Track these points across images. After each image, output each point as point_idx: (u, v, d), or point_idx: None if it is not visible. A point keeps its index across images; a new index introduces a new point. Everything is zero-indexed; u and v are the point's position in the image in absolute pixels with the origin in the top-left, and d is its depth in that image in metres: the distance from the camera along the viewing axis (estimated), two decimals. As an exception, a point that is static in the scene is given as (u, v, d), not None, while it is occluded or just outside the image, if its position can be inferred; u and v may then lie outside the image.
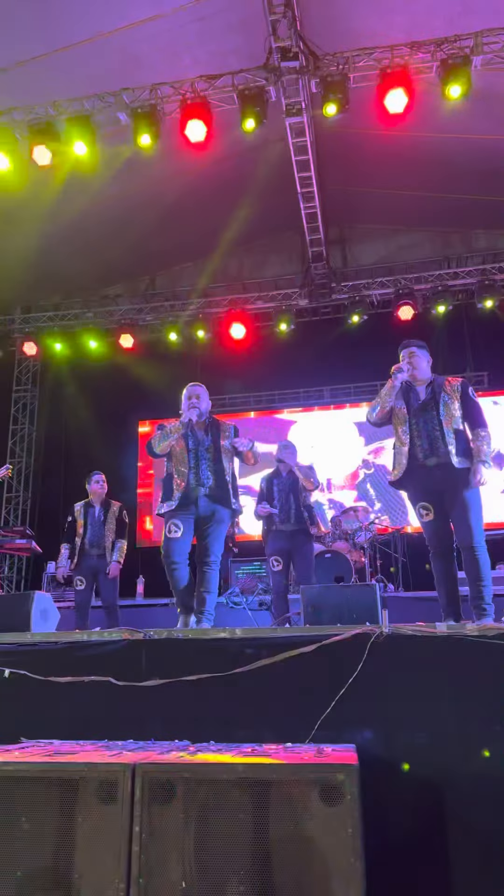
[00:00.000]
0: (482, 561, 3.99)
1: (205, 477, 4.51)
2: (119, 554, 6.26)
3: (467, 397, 4.23)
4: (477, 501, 4.08)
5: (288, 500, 5.89)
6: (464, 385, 4.28)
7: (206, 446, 4.61)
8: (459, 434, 4.14)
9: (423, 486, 4.19)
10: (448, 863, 2.71)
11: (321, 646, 3.05)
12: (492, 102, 7.63)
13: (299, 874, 2.10)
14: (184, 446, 4.60)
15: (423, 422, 4.22)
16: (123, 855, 2.16)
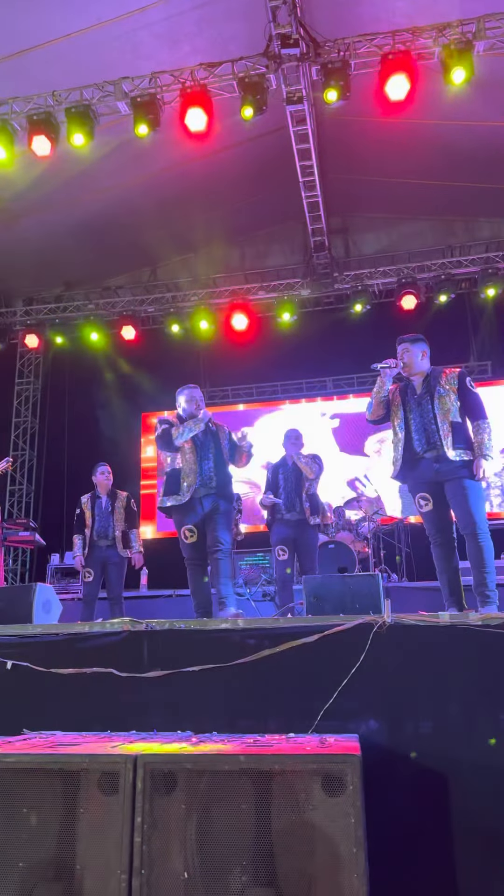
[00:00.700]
0: (485, 547, 3.98)
1: (208, 477, 4.66)
2: (138, 543, 6.34)
3: (464, 388, 4.19)
4: (477, 489, 4.07)
5: (293, 490, 5.88)
6: (461, 376, 4.24)
7: (209, 447, 4.76)
8: (456, 426, 4.11)
9: (421, 477, 4.20)
10: (452, 852, 2.71)
11: (324, 636, 3.03)
12: (495, 88, 7.55)
13: (302, 864, 2.10)
14: (192, 444, 4.71)
15: (418, 415, 4.22)
16: (125, 846, 2.15)
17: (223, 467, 4.77)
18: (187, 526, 4.61)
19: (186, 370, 11.67)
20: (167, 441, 4.71)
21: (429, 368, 4.34)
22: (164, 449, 4.77)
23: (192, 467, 4.64)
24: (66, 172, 8.53)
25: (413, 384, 4.33)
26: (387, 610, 3.04)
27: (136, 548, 6.31)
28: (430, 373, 4.30)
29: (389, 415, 4.38)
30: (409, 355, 4.30)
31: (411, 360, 4.29)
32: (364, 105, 7.45)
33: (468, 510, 4.00)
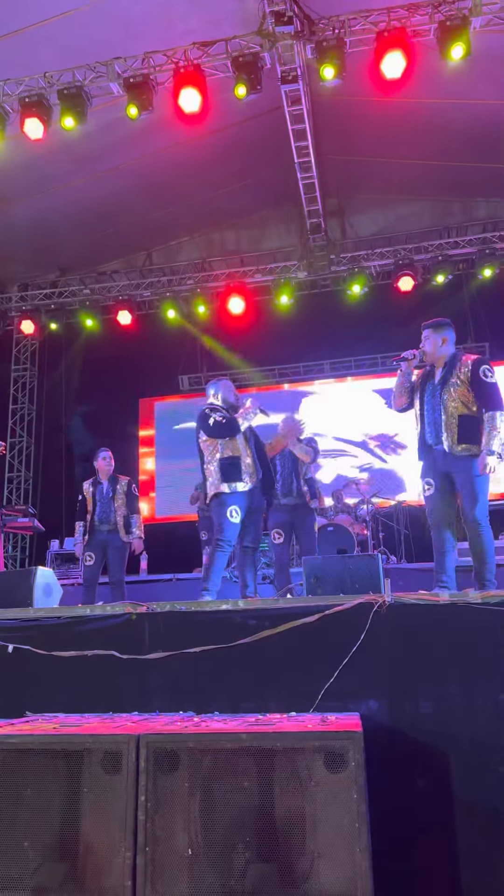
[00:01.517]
0: (485, 538, 4.05)
1: (257, 468, 4.84)
2: (139, 528, 6.33)
3: (477, 379, 4.09)
4: (482, 483, 4.09)
5: (290, 474, 5.87)
6: (475, 365, 4.13)
7: (253, 440, 4.93)
8: (465, 420, 4.07)
9: (431, 465, 4.25)
10: (453, 829, 2.73)
11: (324, 616, 3.05)
12: (492, 66, 7.47)
13: (305, 840, 2.12)
14: (243, 433, 4.83)
15: (430, 407, 4.22)
16: (129, 824, 2.17)
17: (266, 462, 5.00)
18: (235, 506, 4.67)
19: (183, 354, 11.66)
20: (233, 427, 4.77)
21: (451, 354, 4.26)
22: (227, 435, 4.78)
23: (249, 459, 4.80)
24: (60, 156, 8.45)
25: (434, 372, 4.30)
26: (386, 589, 3.05)
27: (137, 534, 6.31)
28: (449, 360, 4.23)
29: (412, 403, 4.38)
30: (430, 342, 4.28)
31: (432, 347, 4.26)
32: (360, 84, 7.36)
33: (472, 509, 4.05)
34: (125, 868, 2.13)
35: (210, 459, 4.82)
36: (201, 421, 4.88)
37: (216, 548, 4.65)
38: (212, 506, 4.85)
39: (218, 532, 4.68)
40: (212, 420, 4.80)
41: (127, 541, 6.27)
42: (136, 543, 6.31)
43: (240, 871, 2.11)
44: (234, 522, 4.65)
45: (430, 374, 4.31)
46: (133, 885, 2.11)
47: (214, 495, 4.75)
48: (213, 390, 5.08)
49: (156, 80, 7.15)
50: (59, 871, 2.18)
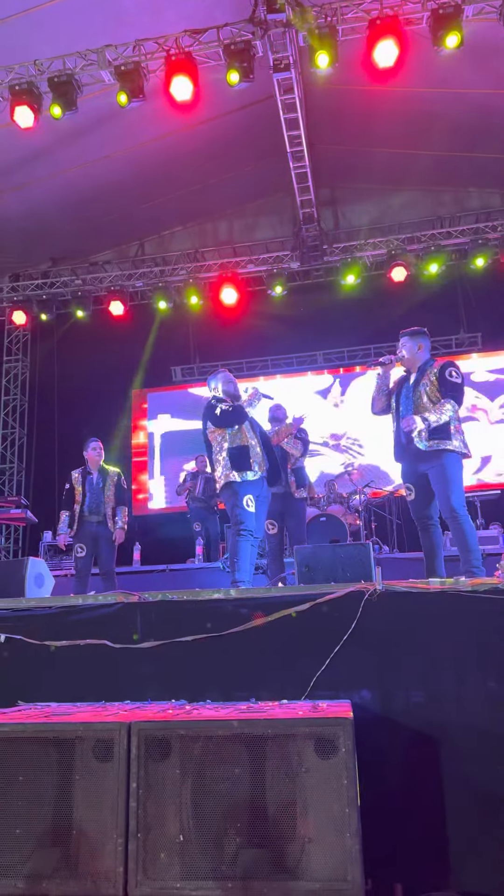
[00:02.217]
0: (466, 530, 4.24)
1: (265, 457, 4.89)
2: (123, 520, 6.32)
3: (444, 379, 4.41)
4: (455, 476, 4.32)
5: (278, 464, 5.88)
6: (442, 367, 4.46)
7: (259, 430, 4.99)
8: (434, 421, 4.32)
9: (407, 467, 4.54)
10: (443, 814, 2.76)
11: (315, 604, 3.06)
12: (484, 55, 7.44)
13: (295, 825, 2.13)
14: (248, 422, 4.88)
15: (404, 409, 4.51)
16: (121, 811, 2.19)
17: (272, 452, 5.06)
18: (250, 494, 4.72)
19: (176, 345, 11.63)
20: (240, 414, 4.81)
21: (425, 360, 4.57)
22: (235, 423, 4.82)
23: (258, 445, 4.84)
24: (51, 145, 8.39)
25: (409, 376, 4.60)
26: (378, 578, 3.06)
27: (120, 524, 6.28)
28: (422, 365, 4.54)
29: (390, 406, 4.68)
30: (407, 349, 4.60)
31: (410, 353, 4.58)
32: (352, 73, 7.33)
33: (448, 499, 4.27)
34: (117, 854, 2.14)
35: (219, 450, 4.85)
36: (208, 412, 4.92)
37: (240, 537, 4.66)
38: (224, 496, 4.88)
39: (237, 523, 4.70)
40: (219, 410, 4.84)
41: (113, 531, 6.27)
42: (118, 534, 6.28)
43: (231, 856, 2.12)
44: (251, 511, 4.69)
45: (405, 379, 4.63)
46: (125, 871, 2.12)
47: (226, 485, 4.78)
48: (214, 383, 5.10)
49: (147, 67, 7.09)
50: (51, 857, 2.19)
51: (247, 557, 4.62)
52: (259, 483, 4.80)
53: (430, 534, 4.48)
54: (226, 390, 5.01)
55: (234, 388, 5.02)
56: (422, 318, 10.51)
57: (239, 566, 4.58)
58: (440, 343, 11.19)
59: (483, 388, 11.00)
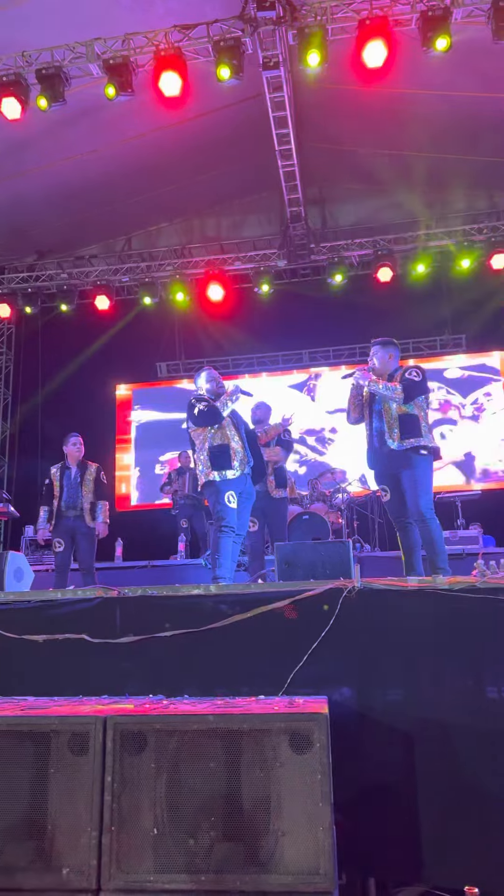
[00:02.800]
0: (434, 531, 4.41)
1: (247, 456, 4.91)
2: (104, 514, 6.31)
3: (404, 378, 4.61)
4: (424, 478, 4.48)
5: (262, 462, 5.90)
6: (405, 369, 4.70)
7: (243, 428, 5.02)
8: (404, 419, 4.53)
9: (381, 469, 4.71)
10: (417, 809, 2.79)
11: (294, 601, 3.07)
12: (472, 58, 7.48)
13: (269, 819, 2.15)
14: (231, 421, 4.91)
15: (376, 415, 4.69)
16: (96, 804, 2.19)
17: (257, 450, 5.10)
18: (232, 491, 4.74)
19: (161, 341, 11.61)
20: (215, 415, 4.82)
21: (394, 368, 4.79)
22: (209, 423, 4.84)
23: (239, 444, 4.86)
24: (38, 138, 8.33)
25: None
26: (356, 575, 3.08)
27: (101, 519, 6.29)
28: (392, 372, 4.75)
29: (363, 415, 4.86)
30: (377, 358, 4.81)
31: (381, 362, 4.79)
32: (342, 73, 7.35)
33: (416, 501, 4.43)
34: (91, 848, 2.15)
35: (200, 448, 4.87)
36: (188, 411, 4.96)
37: (220, 532, 4.68)
38: (206, 493, 4.88)
39: (218, 519, 4.72)
40: (196, 410, 4.87)
41: (93, 527, 6.26)
42: (100, 528, 6.29)
43: (205, 850, 2.13)
44: (232, 507, 4.71)
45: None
46: (98, 865, 2.13)
47: (206, 483, 4.81)
48: (198, 381, 5.15)
49: (136, 62, 7.07)
50: (25, 850, 2.19)
51: (228, 553, 4.64)
52: (241, 480, 4.81)
53: (408, 533, 4.58)
54: (207, 388, 5.03)
55: (216, 386, 5.02)
56: (407, 319, 10.73)
57: (220, 562, 4.60)
58: (424, 344, 11.28)
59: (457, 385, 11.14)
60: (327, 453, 11.20)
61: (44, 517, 6.26)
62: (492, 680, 2.89)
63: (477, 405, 11.03)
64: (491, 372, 11.16)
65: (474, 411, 11.02)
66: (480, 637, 2.93)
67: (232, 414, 4.98)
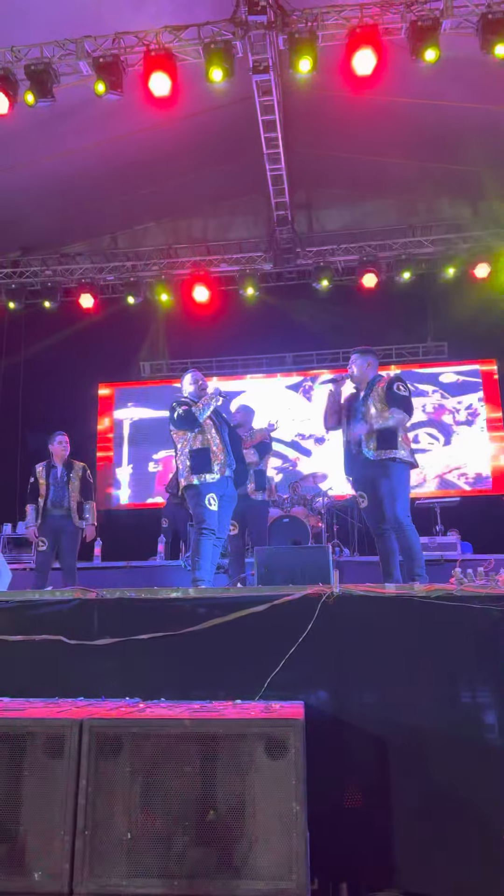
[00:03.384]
0: (411, 538, 4.46)
1: (230, 460, 4.88)
2: (92, 515, 6.29)
3: (391, 393, 4.63)
4: (401, 486, 4.54)
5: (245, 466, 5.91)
6: (389, 382, 4.70)
7: (226, 431, 4.99)
8: (382, 431, 4.56)
9: (358, 476, 4.72)
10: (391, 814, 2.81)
11: (273, 605, 3.09)
12: (461, 69, 7.55)
13: (243, 824, 2.15)
14: (212, 422, 4.89)
15: (353, 423, 4.73)
16: (70, 808, 2.18)
17: (240, 453, 5.07)
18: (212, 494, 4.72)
19: (146, 341, 11.58)
20: (191, 419, 4.81)
21: (373, 377, 4.81)
22: (187, 428, 4.83)
23: (220, 447, 4.84)
24: (26, 133, 8.28)
25: (359, 393, 4.84)
26: (335, 581, 3.10)
27: (90, 520, 6.27)
28: (371, 381, 4.78)
29: (341, 422, 4.90)
30: (356, 366, 4.84)
31: (359, 370, 4.81)
32: (331, 79, 7.37)
33: (393, 509, 4.48)
34: (64, 851, 2.14)
35: (181, 451, 4.88)
36: (170, 413, 4.97)
37: (200, 535, 4.67)
38: (187, 496, 4.87)
39: (199, 521, 4.71)
40: (175, 413, 4.88)
41: (80, 526, 6.23)
42: (88, 530, 6.27)
43: (178, 855, 2.14)
44: (213, 510, 4.70)
45: (355, 396, 4.87)
46: (71, 869, 2.12)
47: (187, 486, 4.81)
48: (183, 382, 5.17)
49: (126, 61, 7.05)
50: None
51: (208, 556, 4.64)
52: (222, 483, 4.81)
53: (385, 540, 4.60)
54: (190, 392, 5.05)
55: (198, 389, 5.03)
56: (390, 325, 10.80)
57: (200, 565, 4.60)
58: (407, 350, 11.35)
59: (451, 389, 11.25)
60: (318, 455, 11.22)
61: (32, 514, 6.21)
62: (467, 687, 2.92)
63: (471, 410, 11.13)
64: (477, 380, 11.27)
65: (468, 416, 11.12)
66: (456, 644, 2.96)
67: (216, 416, 4.98)
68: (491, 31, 6.40)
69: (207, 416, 4.86)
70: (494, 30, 6.39)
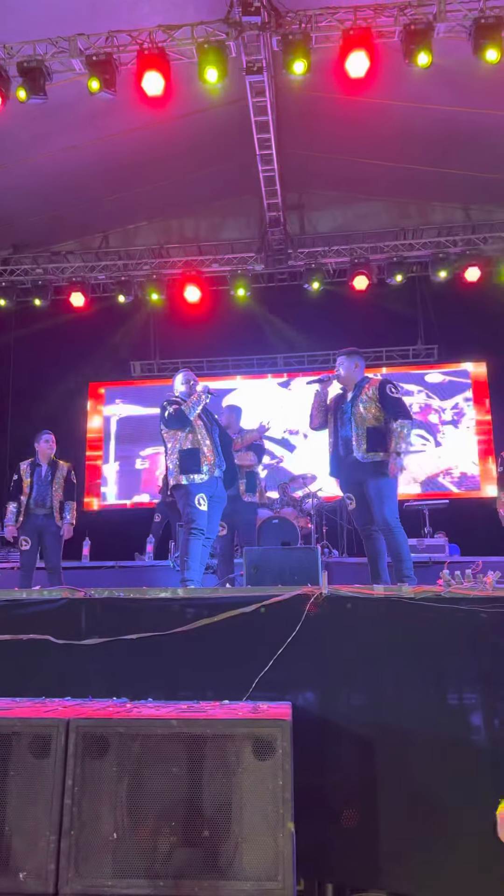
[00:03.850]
0: (400, 541, 4.46)
1: (218, 460, 4.87)
2: (71, 515, 6.27)
3: (385, 395, 4.63)
4: (389, 488, 4.54)
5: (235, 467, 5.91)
6: (381, 385, 4.69)
7: (217, 432, 4.99)
8: (372, 432, 4.58)
9: (346, 478, 4.73)
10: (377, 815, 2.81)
11: (261, 606, 3.08)
12: (453, 73, 7.58)
13: (230, 824, 2.15)
14: (203, 423, 4.90)
15: (341, 424, 4.74)
16: (56, 808, 2.17)
17: (230, 454, 5.08)
18: (202, 494, 4.72)
19: (136, 340, 11.55)
20: (182, 418, 4.80)
21: (360, 378, 4.81)
22: (178, 426, 4.82)
23: (210, 447, 4.83)
24: (17, 131, 8.24)
25: (346, 394, 4.84)
26: (324, 582, 3.10)
27: (69, 519, 6.25)
28: (359, 383, 4.78)
29: (327, 422, 4.89)
30: (344, 368, 4.84)
31: (346, 372, 4.82)
32: (324, 81, 7.39)
33: (381, 511, 4.48)
34: (49, 851, 2.13)
35: (171, 450, 4.87)
36: (161, 413, 4.96)
37: (189, 535, 4.66)
38: (176, 496, 4.87)
39: (188, 521, 4.70)
40: (167, 412, 4.88)
41: (61, 526, 6.21)
42: (65, 528, 6.25)
43: (164, 855, 2.13)
44: (202, 510, 4.69)
45: (342, 397, 4.87)
46: (56, 869, 2.11)
47: (175, 486, 4.81)
48: (174, 382, 5.17)
49: (119, 60, 7.03)
50: (-18, 854, 2.16)
51: (197, 556, 4.63)
52: (211, 484, 4.80)
53: (373, 541, 4.62)
54: (181, 391, 5.05)
55: (189, 389, 5.03)
56: (381, 328, 10.82)
57: (188, 565, 4.59)
58: (397, 353, 11.38)
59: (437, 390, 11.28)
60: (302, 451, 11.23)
61: (13, 513, 6.18)
62: (454, 689, 2.93)
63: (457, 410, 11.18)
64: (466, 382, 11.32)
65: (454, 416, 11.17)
66: (444, 646, 2.97)
67: (206, 417, 4.98)
68: (483, 35, 6.44)
69: (197, 414, 4.86)
70: (487, 34, 6.42)
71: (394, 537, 4.44)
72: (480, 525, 8.66)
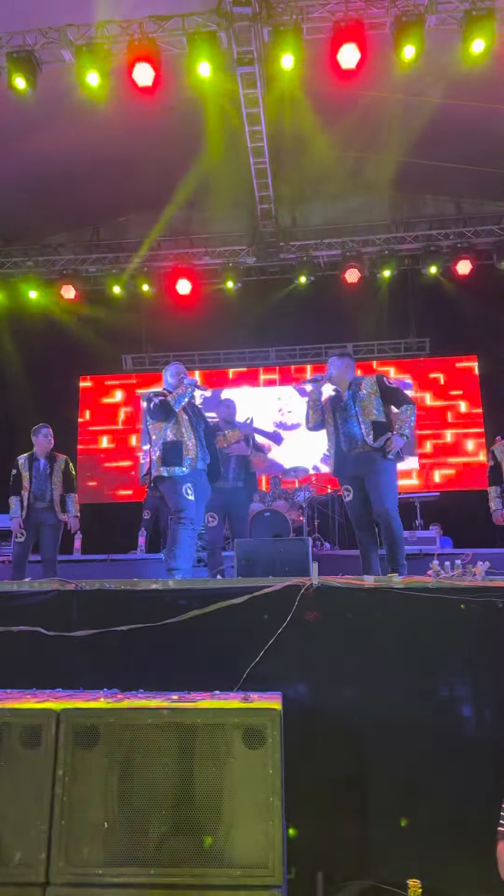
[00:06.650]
0: (396, 531, 4.54)
1: (201, 453, 4.86)
2: (74, 508, 6.28)
3: (385, 387, 4.79)
4: (390, 480, 4.64)
5: (226, 459, 5.91)
6: (378, 379, 4.84)
7: (202, 426, 4.99)
8: (377, 425, 4.67)
9: (347, 471, 4.77)
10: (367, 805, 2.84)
11: (252, 597, 3.09)
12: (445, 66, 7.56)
13: (221, 813, 2.16)
14: (188, 417, 4.88)
15: (343, 420, 4.80)
16: (46, 797, 2.18)
17: (214, 448, 5.05)
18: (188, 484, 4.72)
19: (127, 333, 11.51)
20: (167, 409, 4.79)
21: (352, 377, 4.90)
22: (163, 418, 4.81)
23: (193, 441, 4.82)
24: (9, 121, 8.19)
25: (340, 394, 4.90)
26: (314, 573, 3.11)
27: (73, 512, 6.26)
28: (352, 381, 4.87)
29: (324, 422, 4.95)
30: (335, 368, 4.90)
31: (338, 372, 4.88)
32: (315, 73, 7.36)
33: (381, 500, 4.54)
34: (40, 841, 2.14)
35: (155, 443, 4.86)
36: (146, 405, 4.96)
37: (179, 524, 4.65)
38: (162, 488, 4.86)
39: (177, 511, 4.69)
40: (152, 404, 4.87)
41: (62, 519, 6.21)
42: (72, 522, 6.26)
43: (155, 843, 2.14)
44: (190, 499, 4.69)
45: (337, 397, 4.92)
46: (47, 858, 2.12)
47: (157, 478, 4.80)
48: (165, 374, 5.17)
49: (109, 50, 6.99)
50: (-28, 844, 2.17)
51: (185, 545, 4.63)
52: (194, 476, 4.78)
53: (366, 532, 4.69)
54: (170, 383, 5.05)
55: (178, 382, 5.01)
56: (373, 321, 10.80)
57: (176, 554, 4.58)
58: (389, 346, 11.39)
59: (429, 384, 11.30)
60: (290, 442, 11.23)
61: (17, 506, 6.17)
62: (443, 679, 2.95)
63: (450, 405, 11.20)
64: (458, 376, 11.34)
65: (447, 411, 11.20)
66: (433, 636, 2.98)
67: (191, 410, 4.97)
68: (474, 27, 6.43)
69: (182, 408, 4.86)
70: (477, 26, 6.41)
71: (391, 527, 4.51)
72: (471, 518, 8.71)
